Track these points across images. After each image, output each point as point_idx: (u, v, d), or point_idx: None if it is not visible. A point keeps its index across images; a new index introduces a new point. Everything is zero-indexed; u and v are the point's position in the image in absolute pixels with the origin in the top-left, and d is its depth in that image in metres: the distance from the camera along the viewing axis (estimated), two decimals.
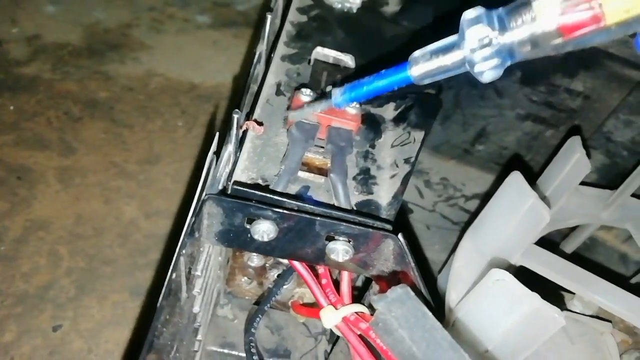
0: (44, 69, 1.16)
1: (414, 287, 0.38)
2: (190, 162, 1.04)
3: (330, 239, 0.44)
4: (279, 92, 0.58)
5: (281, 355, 0.61)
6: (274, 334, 0.63)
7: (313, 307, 0.54)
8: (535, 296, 0.43)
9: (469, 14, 0.34)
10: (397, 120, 0.59)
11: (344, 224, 0.42)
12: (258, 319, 0.52)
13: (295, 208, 0.43)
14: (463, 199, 0.93)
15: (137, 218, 0.92)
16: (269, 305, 0.54)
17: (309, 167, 0.50)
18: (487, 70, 0.34)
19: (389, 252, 0.43)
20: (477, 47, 0.33)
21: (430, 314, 0.33)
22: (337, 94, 0.43)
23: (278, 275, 0.58)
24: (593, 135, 0.85)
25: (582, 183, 0.75)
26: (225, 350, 0.60)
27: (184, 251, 0.37)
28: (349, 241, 0.43)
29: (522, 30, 0.32)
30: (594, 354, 0.57)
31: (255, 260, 0.59)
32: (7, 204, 0.90)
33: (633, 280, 0.78)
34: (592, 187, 0.73)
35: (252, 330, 0.51)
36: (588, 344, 0.57)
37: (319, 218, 0.42)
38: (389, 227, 0.44)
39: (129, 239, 0.89)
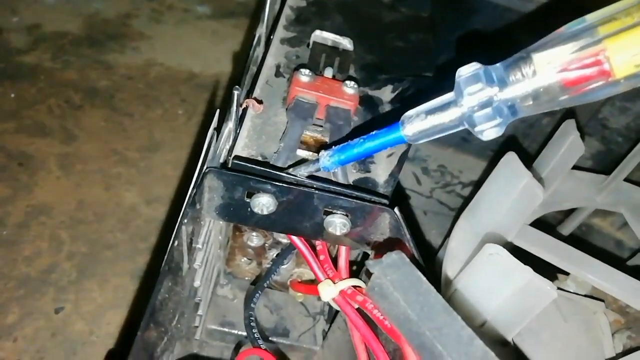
0: (44, 58, 1.17)
1: (411, 259, 0.39)
2: (190, 150, 1.05)
3: (328, 213, 0.45)
4: (278, 74, 0.59)
5: (280, 334, 0.62)
6: (273, 313, 0.64)
7: (311, 285, 0.55)
8: (528, 269, 0.44)
9: (465, 71, 0.32)
10: (395, 101, 0.60)
11: (342, 197, 0.43)
12: (257, 294, 0.53)
13: (294, 182, 0.44)
14: (460, 185, 0.94)
15: (137, 204, 0.93)
16: (268, 282, 0.55)
17: (308, 145, 0.51)
18: (488, 130, 0.31)
19: (385, 225, 0.44)
20: (477, 107, 0.31)
21: (424, 278, 0.34)
22: (326, 156, 0.41)
23: (277, 255, 0.59)
24: (589, 122, 0.86)
25: (578, 169, 0.77)
26: (225, 329, 0.61)
27: (185, 221, 0.37)
28: (347, 215, 0.44)
29: (522, 85, 0.30)
30: (587, 332, 0.58)
31: (254, 240, 0.60)
32: (8, 190, 0.91)
33: (628, 264, 0.79)
34: (587, 172, 0.74)
35: (252, 305, 0.52)
36: (581, 322, 0.58)
37: (317, 192, 0.43)
38: (385, 201, 0.45)
39: (129, 224, 0.90)
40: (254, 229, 0.59)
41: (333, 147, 0.41)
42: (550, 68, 0.29)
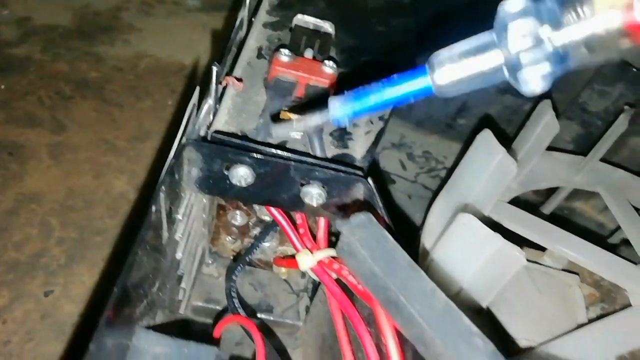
0: (34, 50, 1.18)
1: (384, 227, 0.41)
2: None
3: (305, 184, 0.46)
4: (260, 56, 0.60)
5: (264, 310, 0.63)
6: (257, 290, 0.65)
7: (293, 259, 0.56)
8: (498, 236, 0.45)
9: (511, 5, 0.27)
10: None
11: (318, 168, 0.45)
12: (239, 267, 0.55)
13: (271, 154, 0.45)
14: (444, 170, 0.95)
15: (127, 191, 0.94)
16: (250, 256, 0.57)
17: None
18: (535, 78, 0.27)
19: (359, 195, 0.46)
20: (525, 48, 0.26)
21: (391, 237, 0.35)
22: (336, 105, 0.34)
23: (260, 232, 0.60)
24: (569, 106, 0.87)
25: (558, 151, 0.78)
26: (210, 306, 0.62)
27: (163, 188, 0.39)
28: (323, 186, 0.46)
29: (579, 27, 0.26)
30: (561, 304, 0.59)
31: (238, 218, 0.61)
32: None
33: (608, 242, 0.81)
34: (564, 153, 0.76)
35: (233, 277, 0.54)
36: (556, 294, 0.60)
37: (293, 163, 0.44)
38: (359, 172, 0.46)
39: (119, 211, 0.91)
40: (238, 206, 0.60)
41: (344, 92, 0.34)
42: (611, 7, 0.25)
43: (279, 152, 0.46)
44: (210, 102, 0.48)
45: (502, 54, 0.27)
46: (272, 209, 0.50)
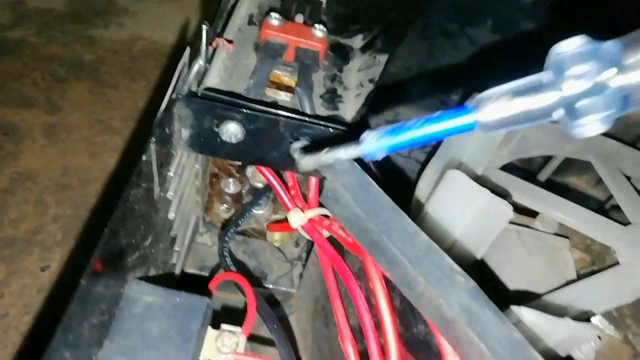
0: (28, 33, 1.18)
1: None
2: None
3: (295, 141, 0.46)
4: (250, 22, 0.61)
5: (258, 277, 0.64)
6: (252, 259, 0.66)
7: (285, 222, 0.56)
8: (486, 191, 0.46)
9: (569, 46, 0.26)
10: (365, 48, 0.62)
11: (307, 124, 0.45)
12: (232, 230, 0.55)
13: (260, 110, 0.46)
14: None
15: (122, 170, 0.95)
16: (242, 220, 0.57)
17: (277, 85, 0.52)
18: (593, 123, 0.26)
19: None
20: (583, 91, 0.25)
21: (374, 183, 0.35)
22: (371, 138, 0.32)
23: (253, 196, 0.61)
24: None
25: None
26: (204, 273, 0.63)
27: (153, 139, 0.39)
28: (312, 143, 0.46)
29: None
30: (551, 266, 0.60)
31: (231, 186, 0.62)
32: None
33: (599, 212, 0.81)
34: (556, 123, 0.76)
35: (226, 239, 0.54)
36: (546, 257, 0.60)
37: (283, 119, 0.45)
38: (348, 129, 0.46)
39: (114, 189, 0.91)
40: (231, 174, 0.61)
41: (381, 127, 0.33)
42: None
43: (269, 108, 0.46)
44: (200, 62, 0.49)
45: (557, 95, 0.27)
46: (264, 170, 0.50)
